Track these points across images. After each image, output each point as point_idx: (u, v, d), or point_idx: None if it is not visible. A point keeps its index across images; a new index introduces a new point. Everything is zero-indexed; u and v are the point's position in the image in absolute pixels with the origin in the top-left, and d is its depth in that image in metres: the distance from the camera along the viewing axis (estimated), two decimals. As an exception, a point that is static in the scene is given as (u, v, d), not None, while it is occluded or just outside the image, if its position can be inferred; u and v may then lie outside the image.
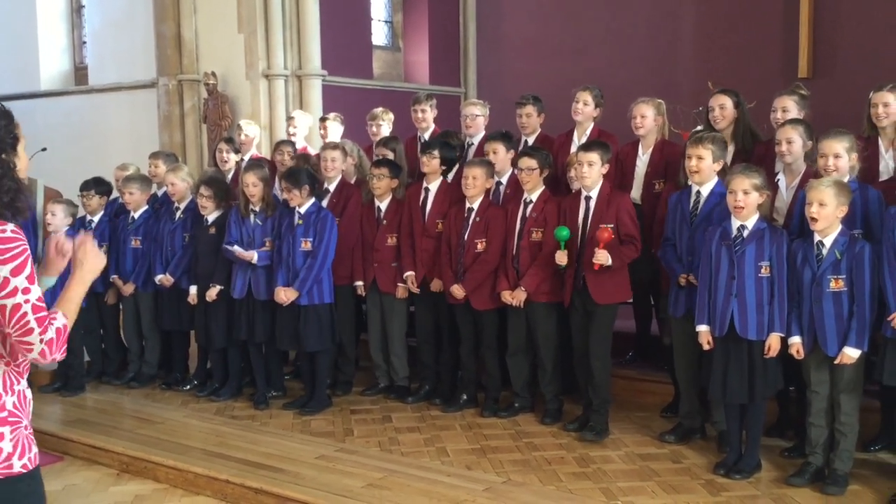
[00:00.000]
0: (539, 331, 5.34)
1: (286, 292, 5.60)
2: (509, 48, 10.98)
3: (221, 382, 6.20)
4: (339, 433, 5.34)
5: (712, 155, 4.65)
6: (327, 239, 5.60)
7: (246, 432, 5.36)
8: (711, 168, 4.66)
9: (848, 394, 4.18)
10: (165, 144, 9.70)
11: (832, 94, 7.54)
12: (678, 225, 4.81)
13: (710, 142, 4.68)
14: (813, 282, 4.16)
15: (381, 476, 4.54)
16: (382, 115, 6.97)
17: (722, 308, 4.36)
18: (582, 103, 5.82)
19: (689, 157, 4.70)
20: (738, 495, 4.22)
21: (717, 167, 4.68)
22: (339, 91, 9.64)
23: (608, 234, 4.84)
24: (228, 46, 9.36)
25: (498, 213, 5.46)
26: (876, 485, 4.27)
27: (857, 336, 4.07)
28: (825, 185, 4.11)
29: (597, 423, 5.11)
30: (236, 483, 4.56)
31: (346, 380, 6.25)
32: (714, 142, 4.69)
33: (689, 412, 5.01)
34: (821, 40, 8.63)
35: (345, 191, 6.09)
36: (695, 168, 4.67)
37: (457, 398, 5.75)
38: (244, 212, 5.86)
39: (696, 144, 4.69)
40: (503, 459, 4.79)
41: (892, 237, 4.01)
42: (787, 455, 4.67)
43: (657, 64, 9.56)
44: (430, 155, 5.75)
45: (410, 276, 5.79)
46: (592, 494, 4.28)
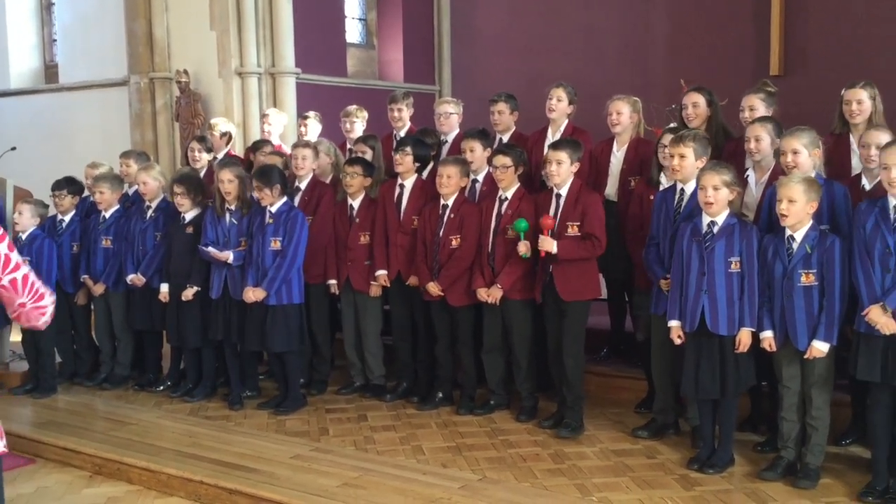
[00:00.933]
0: (514, 328, 5.35)
1: (254, 292, 5.57)
2: (484, 45, 10.98)
3: (195, 383, 6.15)
4: (314, 432, 5.32)
5: (694, 152, 4.66)
6: (297, 239, 5.56)
7: (220, 433, 5.33)
8: (694, 166, 4.65)
9: (819, 388, 4.23)
10: (137, 143, 9.60)
11: (803, 92, 7.62)
12: (663, 223, 4.82)
13: (691, 139, 4.69)
14: (784, 276, 4.21)
15: (357, 475, 4.53)
16: (356, 112, 6.96)
17: (693, 304, 4.40)
18: (555, 100, 5.83)
19: (672, 156, 4.72)
20: (711, 490, 4.25)
21: (699, 164, 4.66)
22: (313, 89, 9.59)
23: (550, 221, 4.91)
24: (201, 44, 9.27)
25: (472, 209, 5.46)
26: (847, 478, 4.32)
27: (826, 330, 4.12)
28: (794, 182, 4.15)
29: (571, 419, 5.12)
30: (210, 484, 4.53)
31: (321, 379, 6.22)
32: (696, 139, 4.70)
33: (663, 408, 5.05)
34: (791, 38, 8.70)
35: (317, 189, 6.06)
36: (677, 166, 4.69)
37: (433, 396, 5.75)
38: (219, 211, 5.82)
39: (677, 143, 4.69)
40: (479, 457, 4.79)
41: (863, 232, 4.05)
42: (760, 449, 4.71)
43: (630, 61, 9.61)
44: (404, 152, 5.74)
45: (382, 275, 5.78)
46: (567, 491, 4.29)
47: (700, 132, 4.93)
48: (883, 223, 3.98)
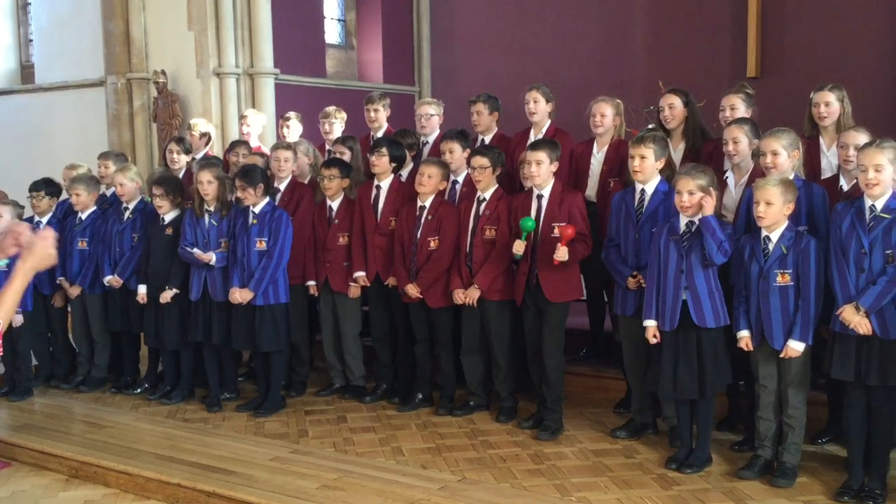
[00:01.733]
0: (493, 329, 5.36)
1: (241, 293, 5.55)
2: (464, 46, 11.00)
3: (173, 385, 6.12)
4: (293, 434, 5.30)
5: (654, 153, 4.71)
6: (282, 238, 5.56)
7: (198, 435, 5.30)
8: (654, 167, 4.72)
9: (795, 387, 4.26)
10: (114, 144, 9.53)
11: (780, 93, 7.69)
12: (623, 224, 4.86)
13: (650, 141, 4.73)
14: (760, 276, 4.24)
15: (336, 477, 4.52)
16: (335, 113, 6.95)
17: (672, 302, 4.42)
18: (532, 102, 5.85)
19: (632, 157, 4.75)
20: (689, 489, 4.27)
21: (659, 165, 4.74)
22: (292, 90, 9.56)
23: (571, 230, 4.86)
24: (178, 44, 9.22)
25: (450, 210, 5.46)
26: (824, 477, 4.36)
27: (801, 329, 4.15)
28: (771, 185, 4.18)
29: (551, 420, 5.14)
30: (188, 487, 4.50)
31: (301, 380, 6.20)
32: (655, 140, 4.75)
33: (641, 408, 5.07)
34: (768, 41, 8.79)
35: (296, 190, 6.05)
36: (637, 167, 4.73)
37: (412, 397, 5.75)
38: (198, 212, 5.79)
39: (637, 144, 4.75)
40: (458, 458, 4.80)
41: (838, 233, 4.09)
42: (737, 449, 4.74)
43: (609, 63, 9.66)
44: (379, 153, 5.73)
45: (361, 276, 5.77)
46: (546, 491, 4.30)
47: (659, 133, 4.98)
48: (858, 224, 4.02)
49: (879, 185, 3.95)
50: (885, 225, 3.96)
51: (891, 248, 3.95)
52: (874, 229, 3.98)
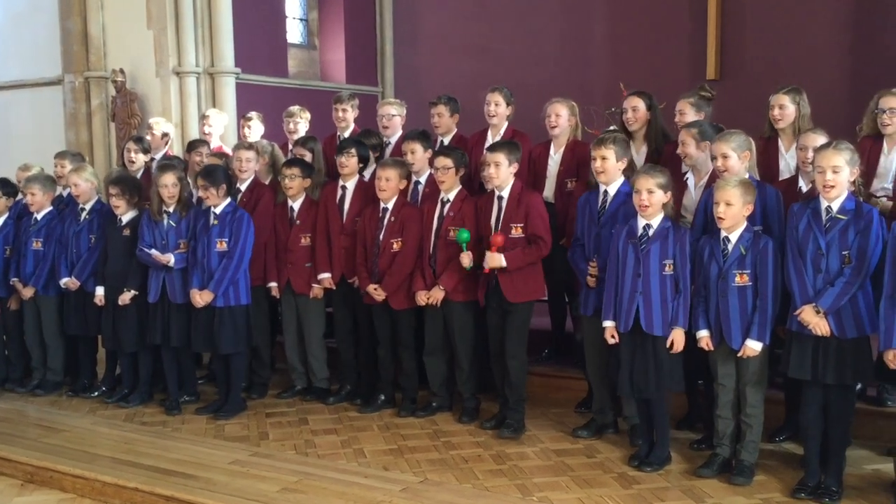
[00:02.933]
0: (456, 330, 5.35)
1: (201, 295, 5.49)
2: (427, 47, 11.00)
3: (131, 388, 6.03)
4: (253, 437, 5.26)
5: (615, 154, 4.74)
6: (243, 239, 5.50)
7: (157, 439, 5.23)
8: (616, 168, 4.76)
9: (753, 386, 4.31)
10: (72, 143, 9.40)
11: (739, 96, 7.79)
12: (587, 224, 4.90)
13: (612, 142, 4.77)
14: (719, 276, 4.28)
15: (297, 479, 4.48)
16: (300, 113, 6.91)
17: (627, 304, 4.46)
18: (493, 104, 5.87)
19: (594, 159, 4.79)
20: (649, 488, 4.30)
21: (621, 166, 4.77)
22: (253, 89, 9.50)
23: (501, 238, 4.92)
24: (137, 43, 9.11)
25: (413, 212, 5.45)
26: (781, 474, 4.41)
27: (759, 329, 4.20)
28: (731, 186, 4.23)
29: (513, 420, 5.15)
30: (146, 491, 4.45)
31: (262, 382, 6.15)
32: (616, 142, 4.79)
33: (602, 408, 5.10)
34: (728, 44, 8.91)
35: (256, 190, 6.00)
36: (600, 168, 4.76)
37: (375, 398, 5.72)
38: (156, 214, 5.71)
39: (598, 146, 4.79)
40: (420, 459, 4.79)
41: (795, 234, 4.14)
42: (697, 447, 4.78)
43: (571, 64, 9.73)
44: (348, 154, 5.71)
45: (325, 278, 5.74)
46: (508, 491, 4.31)
47: (620, 135, 5.03)
48: (815, 225, 4.07)
49: (836, 187, 4.00)
50: (841, 226, 4.02)
51: (847, 249, 4.00)
52: (831, 230, 4.03)
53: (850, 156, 4.02)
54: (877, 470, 4.46)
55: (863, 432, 4.70)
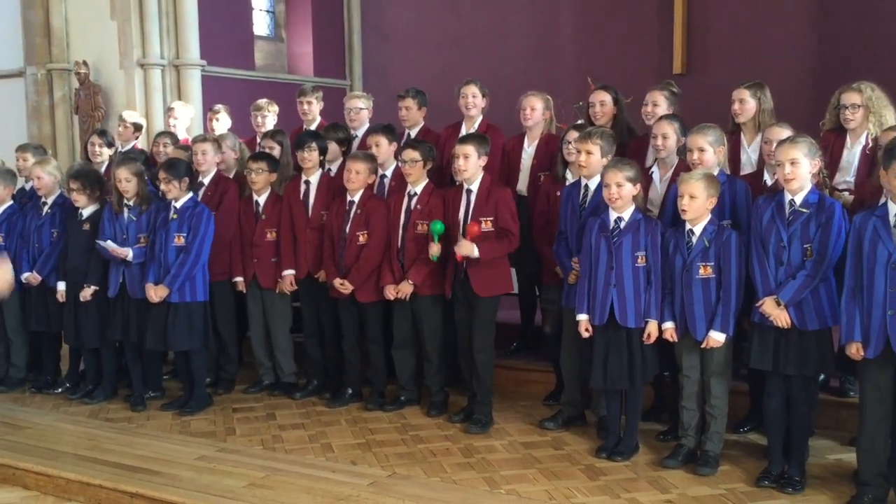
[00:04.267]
0: (425, 323, 5.35)
1: (156, 290, 5.42)
2: (395, 40, 10.97)
3: (95, 384, 5.95)
4: (220, 433, 5.22)
5: (601, 150, 4.75)
6: (202, 234, 5.43)
7: (121, 435, 5.17)
8: (600, 162, 4.75)
9: (717, 377, 4.36)
10: (34, 136, 9.27)
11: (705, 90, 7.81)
12: (569, 218, 4.90)
13: (598, 137, 4.78)
14: (683, 269, 4.32)
15: (264, 475, 4.45)
16: (268, 106, 6.86)
17: (601, 297, 4.49)
18: (470, 97, 5.86)
19: (578, 152, 4.79)
20: (616, 479, 4.33)
21: (605, 161, 4.76)
22: (219, 82, 9.41)
23: (477, 228, 4.91)
24: (101, 34, 8.99)
25: (379, 205, 5.43)
26: (745, 464, 4.46)
27: (722, 320, 4.24)
28: (695, 179, 4.26)
29: (481, 413, 5.16)
30: (110, 488, 4.39)
31: (229, 378, 6.10)
32: (602, 137, 4.79)
33: (571, 400, 5.12)
34: (694, 38, 8.97)
35: (220, 184, 5.93)
36: (584, 163, 4.77)
37: (342, 393, 5.71)
38: (117, 207, 5.64)
39: (584, 140, 4.78)
40: (388, 453, 4.78)
41: (759, 226, 4.18)
42: (663, 438, 4.83)
43: (539, 58, 9.74)
44: (309, 149, 5.67)
45: (289, 275, 5.71)
46: (476, 484, 4.31)
47: (607, 130, 5.03)
48: (778, 218, 4.12)
49: (796, 180, 4.04)
50: (803, 219, 4.06)
51: (809, 243, 4.05)
52: (793, 223, 4.08)
53: (809, 148, 4.06)
54: (839, 459, 4.52)
55: (825, 422, 4.77)
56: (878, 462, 3.89)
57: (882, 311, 3.74)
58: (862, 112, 4.88)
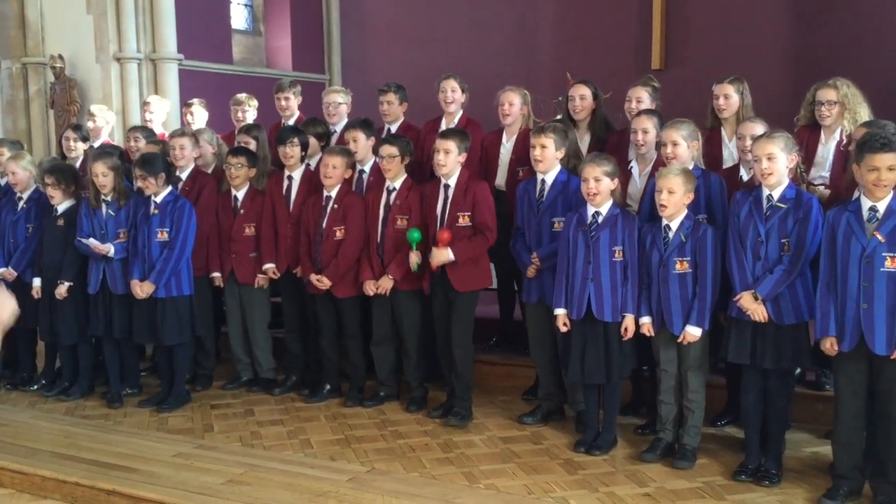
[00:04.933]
0: (404, 319, 5.34)
1: (143, 286, 5.38)
2: (374, 34, 10.93)
3: (71, 381, 5.91)
4: (198, 429, 5.19)
5: (555, 143, 4.77)
6: (185, 229, 5.40)
7: (98, 432, 5.13)
8: (554, 156, 4.78)
9: (694, 371, 4.38)
10: (9, 131, 9.18)
11: (683, 86, 7.86)
12: (526, 214, 4.93)
13: (551, 131, 4.80)
14: (660, 264, 4.34)
15: (242, 471, 4.44)
16: (248, 101, 6.83)
17: (579, 292, 4.50)
18: (450, 91, 5.85)
19: (533, 147, 4.81)
20: (594, 473, 4.35)
21: (559, 155, 4.80)
22: (197, 76, 9.34)
23: (447, 235, 4.92)
24: (76, 28, 8.90)
25: (356, 200, 5.41)
26: (723, 458, 4.49)
27: (698, 315, 4.27)
28: (674, 174, 4.28)
29: (460, 408, 5.16)
30: (87, 485, 4.35)
31: (206, 374, 6.07)
32: (555, 131, 4.81)
33: (548, 394, 5.14)
34: (672, 34, 9.00)
35: (198, 179, 5.90)
36: (539, 157, 4.78)
37: (321, 388, 5.69)
38: (94, 203, 5.59)
39: (538, 134, 4.81)
40: (368, 448, 4.77)
41: (736, 221, 4.21)
42: (641, 432, 4.85)
43: (518, 53, 9.74)
44: (291, 144, 5.64)
45: (270, 268, 5.68)
46: (455, 479, 4.32)
47: (559, 124, 5.05)
48: (756, 213, 4.14)
49: (773, 175, 4.07)
50: (781, 214, 4.09)
51: (786, 237, 4.07)
52: (770, 218, 4.10)
53: (785, 143, 4.09)
54: (815, 452, 4.56)
55: (802, 416, 4.81)
56: (854, 455, 3.92)
57: (856, 305, 3.77)
58: (837, 109, 4.92)
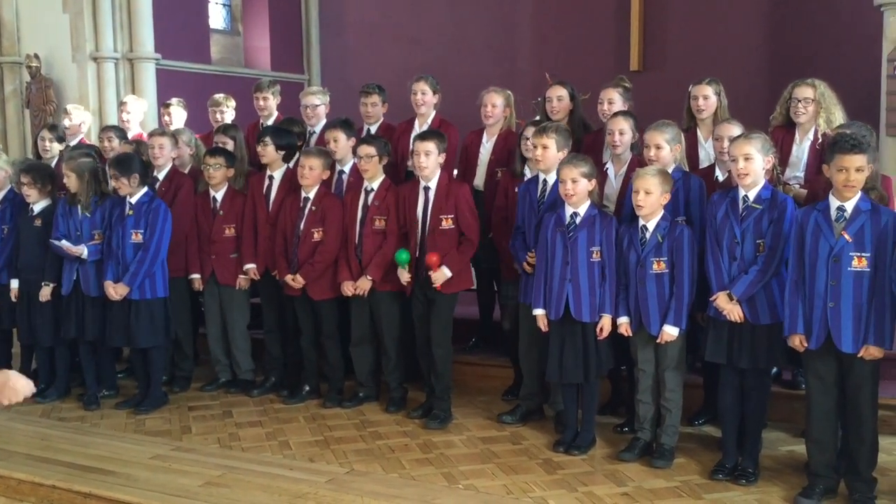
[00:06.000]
0: (383, 319, 5.34)
1: (116, 288, 5.34)
2: (353, 34, 10.91)
3: (48, 383, 5.85)
4: (175, 431, 5.16)
5: (556, 144, 4.77)
6: (160, 231, 5.36)
7: (75, 434, 5.09)
8: (556, 157, 4.77)
9: (671, 371, 4.41)
10: (-16, 131, 9.08)
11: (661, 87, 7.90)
12: (527, 213, 4.92)
13: (553, 131, 4.80)
14: (637, 264, 4.37)
15: (220, 473, 4.41)
16: (225, 101, 6.81)
17: (557, 292, 4.52)
18: (420, 94, 5.85)
19: (535, 147, 4.81)
20: (573, 472, 4.37)
21: (561, 156, 4.79)
22: (175, 76, 9.29)
23: (436, 257, 4.94)
24: (53, 27, 8.83)
25: (334, 202, 5.40)
26: (700, 457, 4.52)
27: (675, 315, 4.30)
28: (650, 175, 4.31)
29: (440, 409, 5.16)
30: (63, 488, 4.32)
31: (185, 376, 6.03)
32: (558, 131, 4.82)
33: (529, 394, 5.15)
34: (650, 36, 9.06)
35: (175, 179, 5.86)
36: (539, 157, 4.79)
37: (300, 390, 5.67)
38: (70, 202, 5.55)
39: (540, 134, 4.80)
40: (347, 450, 4.76)
41: (713, 222, 4.24)
42: (619, 431, 4.88)
43: (498, 54, 9.76)
44: (263, 143, 5.63)
45: (251, 269, 5.66)
46: (434, 480, 4.32)
47: (562, 125, 5.06)
48: (732, 213, 4.17)
49: (750, 175, 4.10)
50: (756, 215, 4.12)
51: (762, 238, 4.11)
52: (746, 219, 4.13)
53: (762, 144, 4.13)
54: (791, 451, 4.60)
55: (778, 415, 4.85)
56: (827, 453, 3.96)
57: (823, 303, 3.81)
58: (813, 107, 4.96)
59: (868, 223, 3.76)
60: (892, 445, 4.52)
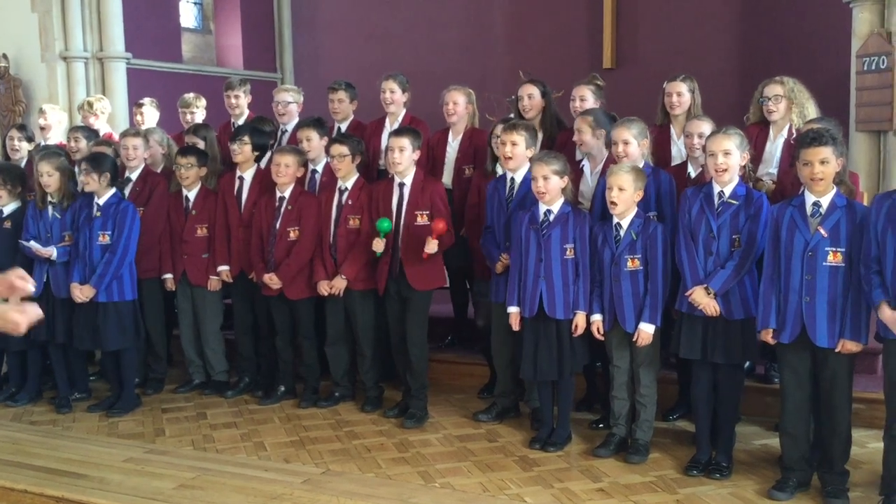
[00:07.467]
0: (358, 318, 5.32)
1: (82, 290, 5.28)
2: (326, 32, 10.86)
3: (18, 386, 5.78)
4: (149, 434, 5.11)
5: (525, 141, 4.78)
6: (127, 232, 5.31)
7: (46, 438, 5.03)
8: (524, 154, 4.79)
9: (646, 367, 4.43)
10: (-49, 132, 8.92)
11: (635, 84, 7.94)
12: (496, 211, 4.93)
13: (522, 129, 4.81)
14: (612, 262, 4.39)
15: (194, 476, 4.38)
16: (195, 101, 6.76)
17: (531, 290, 4.52)
18: (388, 92, 5.85)
19: (504, 144, 4.81)
20: (549, 469, 4.37)
21: (529, 153, 4.81)
22: (146, 75, 9.18)
23: (443, 224, 4.88)
24: (21, 26, 8.69)
25: (310, 200, 5.38)
26: (675, 452, 4.55)
27: (650, 312, 4.32)
28: (624, 171, 4.32)
29: (416, 408, 5.15)
30: (35, 493, 4.26)
31: (158, 378, 5.98)
32: (526, 129, 4.84)
33: (504, 391, 5.15)
34: (623, 33, 9.09)
35: (149, 179, 5.81)
36: (509, 154, 4.79)
37: (275, 390, 5.64)
38: (40, 204, 5.48)
39: (509, 131, 4.81)
40: (322, 450, 4.74)
41: (687, 217, 4.25)
42: (595, 427, 4.90)
43: (472, 52, 9.75)
44: (241, 142, 5.59)
45: (224, 271, 5.62)
46: (411, 478, 4.31)
47: (530, 122, 5.07)
48: (707, 208, 4.19)
49: (728, 171, 4.13)
50: (732, 210, 4.15)
51: (737, 233, 4.13)
52: (722, 214, 4.16)
53: (740, 140, 4.16)
54: (765, 445, 4.64)
55: (751, 409, 4.88)
56: (801, 446, 3.99)
57: (798, 298, 3.84)
58: (784, 103, 5.00)
59: (843, 218, 3.79)
60: (865, 438, 4.55)
